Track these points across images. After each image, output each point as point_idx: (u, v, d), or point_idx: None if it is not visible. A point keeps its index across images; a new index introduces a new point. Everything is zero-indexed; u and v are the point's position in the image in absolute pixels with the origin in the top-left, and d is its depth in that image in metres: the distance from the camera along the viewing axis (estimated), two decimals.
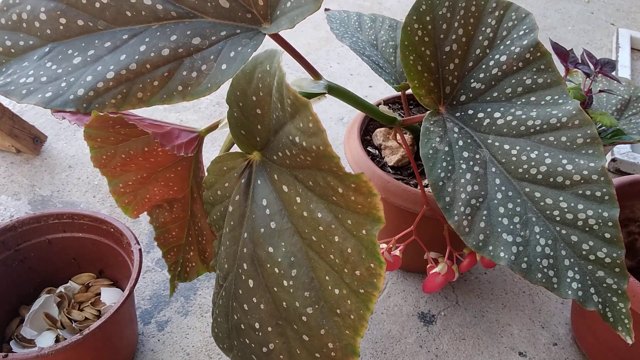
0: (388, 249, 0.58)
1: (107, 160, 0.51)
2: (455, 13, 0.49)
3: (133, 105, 0.43)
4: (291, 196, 0.36)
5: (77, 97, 0.43)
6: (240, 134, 0.40)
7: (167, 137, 0.45)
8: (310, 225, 0.35)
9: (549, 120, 0.45)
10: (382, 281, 0.33)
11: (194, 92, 0.43)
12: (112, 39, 0.44)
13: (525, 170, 0.45)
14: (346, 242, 0.34)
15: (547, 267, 0.42)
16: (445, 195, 0.45)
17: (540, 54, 0.47)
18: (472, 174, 0.46)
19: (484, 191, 0.45)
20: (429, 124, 0.49)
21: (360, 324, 0.33)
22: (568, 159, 0.44)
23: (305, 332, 0.36)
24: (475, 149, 0.47)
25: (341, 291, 0.34)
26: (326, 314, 0.35)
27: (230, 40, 0.44)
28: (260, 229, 0.38)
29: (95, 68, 0.43)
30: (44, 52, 0.44)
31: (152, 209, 0.57)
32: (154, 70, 0.43)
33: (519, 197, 0.44)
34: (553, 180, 0.44)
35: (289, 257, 0.36)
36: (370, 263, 0.33)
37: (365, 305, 0.33)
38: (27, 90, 0.43)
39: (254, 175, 0.39)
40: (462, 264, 0.58)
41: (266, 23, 0.46)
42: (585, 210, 0.42)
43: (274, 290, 0.37)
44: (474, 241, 0.43)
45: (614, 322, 0.41)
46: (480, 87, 0.49)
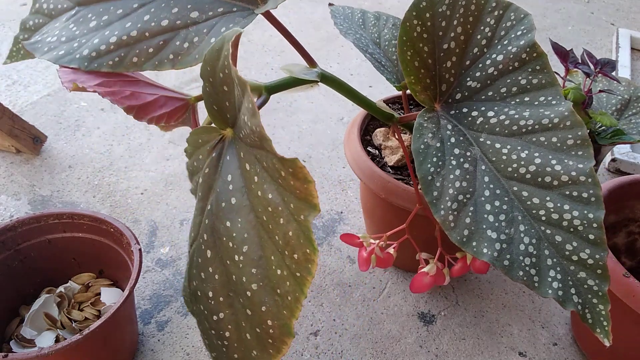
0: (379, 245, 0.58)
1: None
2: (455, 11, 0.49)
3: (127, 68, 0.47)
4: (251, 175, 0.38)
5: (81, 56, 0.47)
6: (212, 109, 0.42)
7: (144, 109, 0.47)
8: (263, 205, 0.37)
9: (540, 121, 0.45)
10: (315, 267, 0.34)
11: (183, 62, 0.46)
12: (124, 6, 0.48)
13: (514, 169, 0.45)
14: (289, 225, 0.35)
15: (529, 266, 0.42)
16: (433, 190, 0.45)
17: (536, 54, 0.47)
18: (462, 170, 0.46)
19: (472, 188, 0.45)
20: (422, 120, 0.49)
21: (295, 305, 0.35)
22: (557, 160, 0.44)
23: (249, 306, 0.38)
24: (467, 147, 0.47)
25: (282, 272, 0.36)
26: (268, 292, 0.37)
27: (226, 17, 0.47)
28: (222, 203, 0.39)
29: (103, 32, 0.47)
30: (71, 15, 0.49)
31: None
32: (152, 38, 0.47)
33: (506, 196, 0.44)
34: (541, 180, 0.44)
35: (243, 234, 0.38)
36: (306, 248, 0.34)
37: (301, 289, 0.35)
38: (47, 48, 0.48)
39: (224, 151, 0.41)
40: (454, 268, 0.58)
41: (262, 3, 0.48)
42: (571, 210, 0.42)
43: (227, 263, 0.39)
44: (458, 236, 0.44)
45: (592, 324, 0.41)
46: (476, 85, 0.49)
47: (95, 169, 0.92)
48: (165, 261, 0.77)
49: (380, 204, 0.69)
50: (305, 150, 0.99)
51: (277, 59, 1.25)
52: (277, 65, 1.24)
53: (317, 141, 1.02)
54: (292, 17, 1.45)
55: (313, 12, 1.49)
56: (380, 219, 0.71)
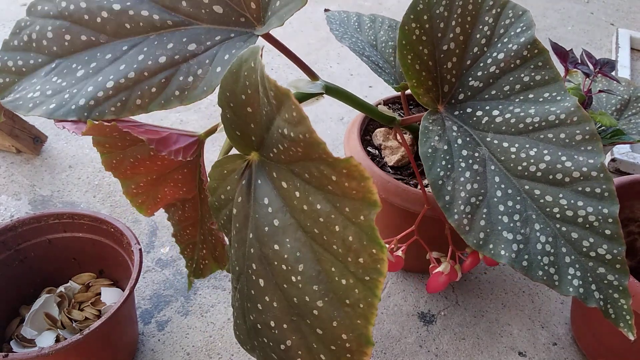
0: (390, 249, 0.58)
1: (117, 164, 0.52)
2: (453, 12, 0.49)
3: (132, 111, 0.45)
4: (290, 191, 0.36)
5: (78, 106, 0.44)
6: (235, 135, 0.40)
7: (163, 142, 0.45)
8: (311, 218, 0.35)
9: (547, 117, 0.45)
10: (386, 266, 0.32)
11: (191, 97, 0.45)
12: (113, 50, 0.46)
13: (524, 167, 0.45)
14: (347, 230, 0.33)
15: (548, 265, 0.42)
16: (445, 194, 0.45)
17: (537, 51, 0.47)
18: (472, 172, 0.46)
19: (483, 189, 0.45)
20: (427, 123, 0.49)
21: (370, 311, 0.33)
22: (567, 156, 0.44)
23: (319, 325, 0.35)
24: (474, 147, 0.47)
25: (348, 281, 0.34)
26: (336, 306, 0.34)
27: (225, 44, 0.46)
28: (265, 228, 0.38)
29: (96, 79, 0.45)
30: (51, 67, 0.46)
31: (168, 207, 0.59)
32: (152, 77, 0.45)
33: (518, 195, 0.44)
34: (552, 178, 0.44)
35: (295, 253, 0.36)
36: (372, 249, 0.33)
37: (373, 293, 0.33)
38: (33, 103, 0.45)
39: (254, 176, 0.39)
40: (465, 264, 0.58)
41: (259, 25, 0.47)
42: (585, 207, 0.42)
43: (284, 287, 0.37)
44: (474, 239, 0.43)
45: (615, 319, 0.41)
46: (478, 85, 0.49)
47: (96, 169, 0.92)
48: (165, 261, 0.77)
49: None
50: None
51: (277, 58, 1.25)
52: (277, 65, 1.24)
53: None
54: (292, 18, 1.45)
55: (313, 12, 1.49)
56: (380, 219, 0.72)
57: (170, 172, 0.54)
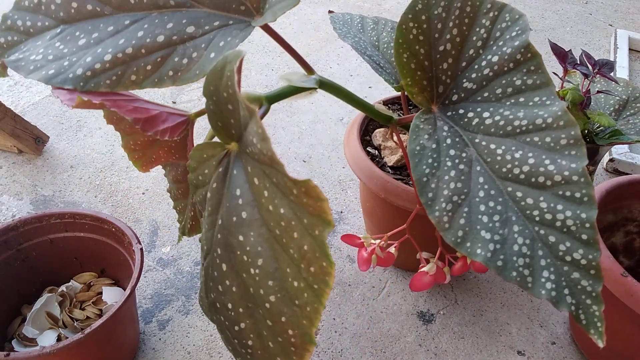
0: (380, 245, 0.58)
1: (118, 120, 0.54)
2: (451, 13, 0.50)
3: (126, 87, 0.46)
4: (260, 189, 0.38)
5: (75, 75, 0.45)
6: (217, 125, 0.42)
7: (150, 122, 0.46)
8: (274, 219, 0.37)
9: (534, 121, 0.45)
10: (332, 280, 0.35)
11: (183, 78, 0.46)
12: (115, 23, 0.47)
13: (508, 169, 0.45)
14: (303, 239, 0.35)
15: (523, 266, 0.42)
16: (428, 191, 0.45)
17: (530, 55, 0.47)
18: (457, 171, 0.46)
19: (466, 189, 0.45)
20: (419, 122, 0.50)
21: (314, 316, 0.36)
22: (550, 160, 0.44)
23: (269, 317, 0.38)
24: (463, 148, 0.47)
25: (299, 284, 0.36)
26: (287, 303, 0.37)
27: (222, 30, 0.47)
28: (233, 218, 0.39)
29: (96, 50, 0.46)
30: (56, 32, 0.48)
31: (164, 165, 0.60)
32: (149, 55, 0.46)
33: (500, 196, 0.45)
34: (535, 180, 0.44)
35: (257, 247, 0.38)
36: (322, 262, 0.35)
37: (319, 300, 0.35)
38: (34, 66, 0.46)
39: (230, 165, 0.41)
40: (454, 267, 0.58)
41: (258, 15, 0.48)
42: (564, 210, 0.42)
43: (243, 276, 0.39)
44: (452, 237, 0.44)
45: (586, 325, 0.41)
46: (472, 87, 0.50)
47: (97, 169, 0.93)
48: (166, 260, 0.78)
49: (379, 204, 0.69)
50: (305, 151, 1.00)
51: (277, 59, 1.26)
52: (277, 65, 1.24)
53: (317, 141, 1.03)
54: (292, 19, 1.46)
55: (313, 13, 1.49)
56: (380, 218, 0.72)
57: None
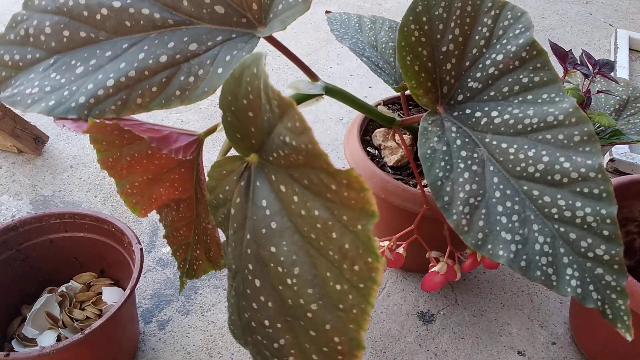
0: (389, 247, 0.58)
1: (114, 162, 0.52)
2: (452, 13, 0.49)
3: (132, 110, 0.45)
4: (289, 195, 0.36)
5: (78, 104, 0.44)
6: (235, 138, 0.41)
7: (164, 141, 0.46)
8: (308, 223, 0.35)
9: (545, 118, 0.45)
10: (381, 275, 0.33)
11: (192, 97, 0.44)
12: (113, 48, 0.45)
13: (522, 168, 0.45)
14: (343, 238, 0.34)
15: (546, 265, 0.42)
16: (443, 195, 0.45)
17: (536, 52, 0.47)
18: (470, 172, 0.46)
19: (482, 190, 0.45)
20: (426, 124, 0.49)
21: (362, 317, 0.34)
22: (565, 157, 0.44)
23: (312, 327, 0.36)
24: (473, 148, 0.47)
25: (342, 287, 0.34)
26: (330, 309, 0.35)
27: (226, 44, 0.46)
28: (262, 230, 0.38)
29: (96, 76, 0.44)
30: (49, 63, 0.46)
31: (160, 208, 0.58)
32: (153, 76, 0.44)
33: (517, 196, 0.44)
34: (551, 178, 0.44)
35: (291, 256, 0.36)
36: (367, 257, 0.33)
37: (366, 299, 0.34)
38: (31, 100, 0.45)
39: (252, 177, 0.40)
40: (465, 264, 0.59)
41: (261, 26, 0.47)
42: (583, 207, 0.42)
43: (279, 288, 0.37)
44: (473, 240, 0.44)
45: (613, 319, 0.41)
46: (477, 86, 0.50)
47: (97, 169, 0.93)
48: (166, 260, 0.78)
49: (380, 204, 0.69)
50: None
51: (277, 59, 1.26)
52: (277, 66, 1.24)
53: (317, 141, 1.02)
54: None
55: (313, 13, 1.49)
56: (380, 218, 0.72)
57: (166, 171, 0.54)
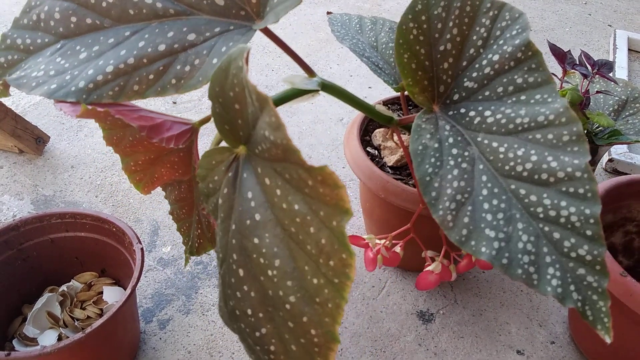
0: (385, 245, 0.59)
1: (118, 140, 0.54)
2: (450, 13, 0.50)
3: (129, 97, 0.46)
4: (272, 188, 0.37)
5: (77, 88, 0.45)
6: (224, 129, 0.42)
7: (155, 129, 0.46)
8: (289, 217, 0.37)
9: (536, 118, 0.46)
10: (354, 271, 0.34)
11: (186, 85, 0.46)
12: (116, 35, 0.47)
13: (511, 167, 0.45)
14: (320, 233, 0.35)
15: (528, 264, 0.42)
16: (431, 190, 0.46)
17: (531, 53, 0.47)
18: (460, 170, 0.46)
19: (470, 187, 0.45)
20: (420, 121, 0.50)
21: (337, 312, 0.35)
22: (553, 156, 0.44)
23: (290, 318, 0.37)
24: (465, 147, 0.48)
25: (319, 280, 0.36)
26: (307, 302, 0.36)
27: (224, 36, 0.47)
28: (247, 221, 0.39)
29: (97, 62, 0.46)
30: (56, 48, 0.48)
31: (165, 186, 0.60)
32: (151, 64, 0.46)
33: (504, 194, 0.45)
34: (538, 177, 0.44)
35: (273, 248, 0.38)
36: (342, 254, 0.34)
37: (340, 295, 0.35)
38: (36, 82, 0.46)
39: (240, 169, 0.41)
40: (460, 265, 0.59)
41: (259, 20, 0.47)
42: (568, 207, 0.42)
43: (261, 279, 0.39)
44: (457, 236, 0.44)
45: (593, 321, 0.41)
46: (473, 86, 0.50)
47: (98, 169, 0.93)
48: (167, 260, 0.78)
49: (379, 204, 0.70)
50: (305, 151, 1.00)
51: (277, 60, 1.26)
52: (277, 66, 1.24)
53: (317, 141, 1.03)
54: (292, 19, 1.46)
55: (313, 14, 1.50)
56: (380, 218, 0.72)
57: (167, 154, 0.55)
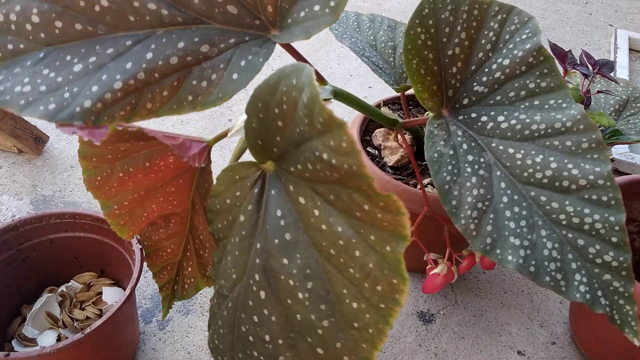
0: None
1: (103, 180, 0.50)
2: (458, 17, 0.49)
3: (142, 116, 0.41)
4: (308, 208, 0.35)
5: (84, 109, 0.39)
6: (256, 144, 0.39)
7: (182, 148, 0.44)
8: (328, 239, 0.34)
9: (553, 125, 0.45)
10: (405, 297, 0.32)
11: (205, 102, 0.41)
12: (115, 45, 0.41)
13: (530, 174, 0.45)
14: (368, 257, 0.33)
15: (555, 271, 0.42)
16: (451, 199, 0.45)
17: (543, 57, 0.47)
18: (478, 177, 0.46)
19: (489, 195, 0.45)
20: (432, 127, 0.49)
21: (378, 337, 0.33)
22: (573, 164, 0.44)
23: (320, 345, 0.35)
24: (480, 153, 0.47)
25: (359, 305, 0.34)
26: (342, 328, 0.34)
27: (240, 47, 0.43)
28: (275, 240, 0.37)
29: (100, 77, 0.40)
30: (38, 57, 0.41)
31: (145, 227, 0.56)
32: (163, 79, 0.41)
33: (524, 201, 0.44)
34: (559, 185, 0.44)
35: (305, 269, 0.35)
36: (392, 279, 0.32)
37: (385, 320, 0.33)
38: (25, 100, 0.40)
39: (267, 186, 0.38)
40: (461, 265, 0.59)
41: (275, 30, 0.44)
42: (592, 214, 0.43)
43: (288, 302, 0.36)
44: (481, 244, 0.43)
45: (621, 325, 0.41)
46: (483, 90, 0.49)
47: None
48: None
49: None
50: None
51: (277, 60, 1.26)
52: (277, 66, 1.24)
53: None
54: None
55: None
56: None
57: (162, 185, 0.52)
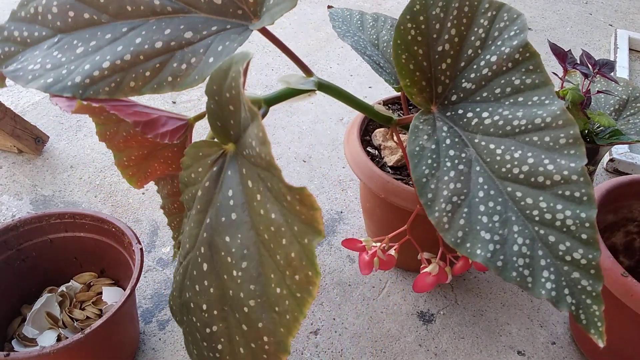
0: (381, 247, 0.58)
1: (111, 136, 0.54)
2: (449, 13, 0.50)
3: (125, 93, 0.46)
4: (254, 192, 0.38)
5: (74, 83, 0.45)
6: (216, 125, 0.42)
7: (150, 125, 0.47)
8: (264, 224, 0.37)
9: (533, 121, 0.45)
10: (316, 290, 0.35)
11: (183, 83, 0.46)
12: (113, 31, 0.47)
13: (508, 169, 0.45)
14: (291, 246, 0.35)
15: (523, 266, 0.42)
16: (427, 192, 0.45)
17: (529, 54, 0.47)
18: (456, 172, 0.46)
19: (466, 189, 0.45)
20: (418, 122, 0.50)
21: (293, 325, 0.36)
22: (550, 159, 0.44)
23: (245, 322, 0.38)
24: (462, 148, 0.47)
25: (282, 291, 0.36)
26: (266, 309, 0.37)
27: (220, 35, 0.47)
28: (222, 218, 0.40)
29: (94, 57, 0.46)
30: (54, 42, 0.48)
31: (158, 180, 0.60)
32: (147, 61, 0.46)
33: (500, 196, 0.44)
34: (534, 180, 0.44)
35: (243, 249, 0.38)
36: (308, 271, 0.35)
37: (300, 309, 0.35)
38: (32, 76, 0.46)
39: (226, 165, 0.41)
40: (456, 267, 0.59)
41: (255, 19, 0.48)
42: (564, 210, 0.42)
43: (224, 277, 0.39)
44: (452, 237, 0.44)
45: (586, 325, 0.40)
46: (470, 87, 0.50)
47: (97, 169, 0.93)
48: (166, 260, 0.78)
49: (379, 204, 0.69)
50: (305, 151, 1.00)
51: (277, 59, 1.26)
52: (277, 65, 1.24)
53: (317, 141, 1.03)
54: (292, 19, 1.46)
55: (313, 13, 1.49)
56: (380, 218, 0.72)
57: (160, 149, 0.55)
